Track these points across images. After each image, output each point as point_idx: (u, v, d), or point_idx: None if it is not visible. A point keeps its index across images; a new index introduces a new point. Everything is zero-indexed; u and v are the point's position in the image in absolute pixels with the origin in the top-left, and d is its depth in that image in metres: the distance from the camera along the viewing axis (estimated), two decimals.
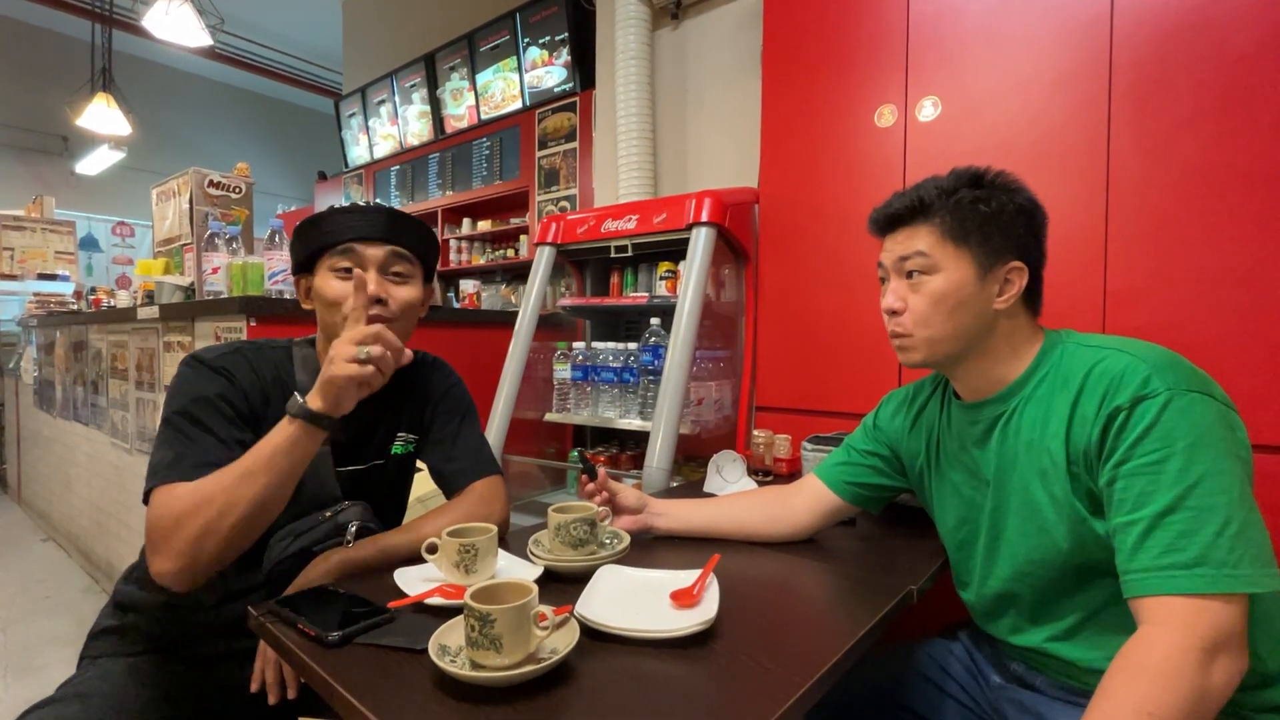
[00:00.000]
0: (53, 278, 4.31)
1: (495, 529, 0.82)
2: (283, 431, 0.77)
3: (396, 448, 1.03)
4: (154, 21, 3.10)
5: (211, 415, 0.83)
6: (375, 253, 0.90)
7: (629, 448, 1.99)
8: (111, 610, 0.93)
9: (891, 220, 0.83)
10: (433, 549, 0.80)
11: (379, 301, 0.89)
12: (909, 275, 0.80)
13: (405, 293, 0.93)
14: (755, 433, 1.49)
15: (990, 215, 0.77)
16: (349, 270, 0.89)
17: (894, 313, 0.82)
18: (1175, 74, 1.19)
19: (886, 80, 1.53)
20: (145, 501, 0.79)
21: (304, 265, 0.94)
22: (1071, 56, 1.30)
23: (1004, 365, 0.80)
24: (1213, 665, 0.58)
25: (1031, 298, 0.82)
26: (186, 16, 3.12)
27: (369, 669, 0.62)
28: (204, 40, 3.32)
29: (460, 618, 0.65)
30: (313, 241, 0.91)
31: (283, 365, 0.94)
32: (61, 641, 2.17)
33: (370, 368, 0.77)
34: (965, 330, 0.78)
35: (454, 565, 0.78)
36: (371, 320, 0.88)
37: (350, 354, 0.77)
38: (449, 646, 0.62)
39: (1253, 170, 1.13)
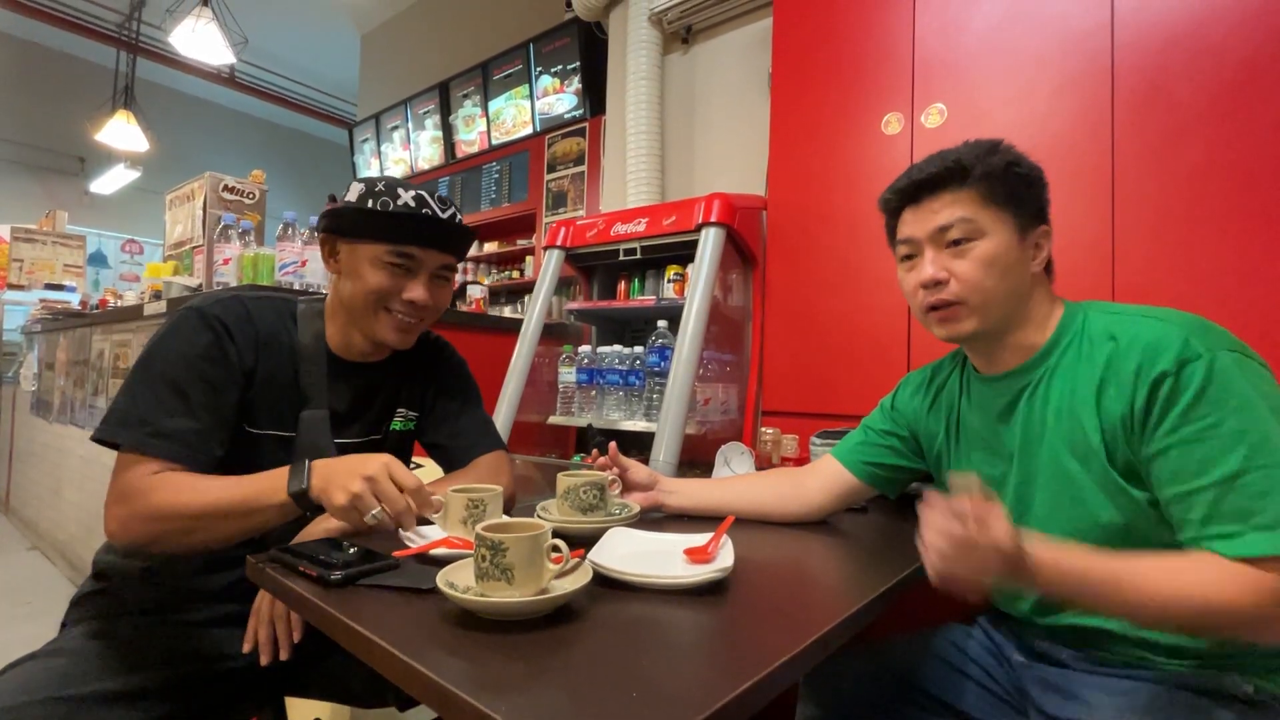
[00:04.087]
0: (59, 288, 4.33)
1: (502, 488, 0.80)
2: (273, 492, 0.74)
3: (395, 424, 1.01)
4: (180, 39, 3.20)
5: (191, 379, 0.80)
6: (432, 260, 0.90)
7: (633, 452, 1.96)
8: (92, 580, 0.90)
9: (922, 186, 0.78)
10: (438, 508, 0.78)
11: (422, 306, 0.91)
12: (950, 244, 0.76)
13: (445, 294, 0.95)
14: (763, 430, 1.48)
15: (1024, 177, 0.76)
16: (397, 266, 0.88)
17: (937, 283, 0.77)
18: (1177, 79, 1.23)
19: (893, 89, 1.58)
20: (97, 440, 0.78)
21: (348, 234, 0.89)
22: (1074, 65, 1.34)
23: (1028, 333, 0.79)
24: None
25: (1049, 265, 0.82)
26: (212, 35, 3.23)
27: (373, 606, 0.59)
28: (227, 58, 3.42)
29: (467, 560, 0.63)
30: (372, 225, 0.87)
31: (283, 319, 0.91)
32: (39, 644, 2.09)
33: (359, 519, 0.73)
34: (1014, 293, 0.76)
35: (461, 522, 0.76)
36: (409, 320, 0.90)
37: (361, 507, 0.72)
38: (456, 583, 0.60)
39: (1256, 170, 1.15)
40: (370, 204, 0.86)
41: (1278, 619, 0.57)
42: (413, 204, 0.87)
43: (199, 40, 3.23)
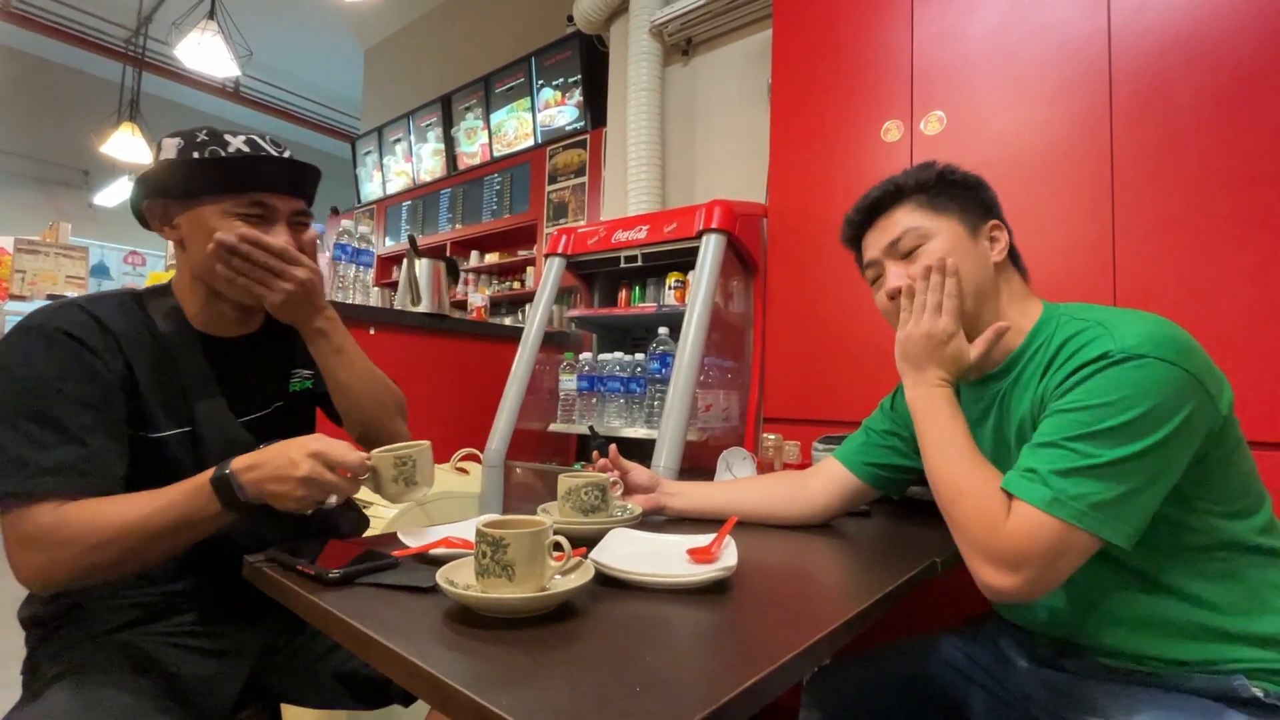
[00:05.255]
0: (61, 299, 4.34)
1: (429, 443, 0.78)
2: (202, 507, 0.68)
3: (294, 385, 0.97)
4: (185, 52, 3.24)
5: (57, 404, 0.70)
6: (287, 206, 0.83)
7: (635, 459, 1.95)
8: (41, 629, 0.81)
9: (870, 210, 0.85)
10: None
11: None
12: (905, 256, 0.81)
13: (309, 236, 0.88)
14: (765, 436, 1.47)
15: (959, 182, 0.82)
16: (251, 218, 0.80)
17: (901, 291, 0.80)
18: (1174, 84, 1.24)
19: (892, 97, 1.59)
20: None
21: (181, 195, 0.80)
22: (1072, 70, 1.35)
23: (1009, 332, 0.79)
24: (994, 566, 0.64)
25: (1015, 262, 0.84)
26: (217, 48, 3.26)
27: (371, 604, 0.59)
28: (232, 71, 3.46)
29: (467, 559, 0.62)
30: (211, 178, 0.79)
31: (133, 313, 0.82)
32: None
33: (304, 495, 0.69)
34: (975, 286, 0.78)
35: (393, 480, 0.74)
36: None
37: (310, 506, 0.69)
38: (456, 581, 0.59)
39: (1254, 172, 1.16)
40: (197, 156, 0.79)
41: (982, 543, 0.65)
42: (247, 149, 0.81)
43: (204, 53, 3.27)
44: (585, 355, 1.89)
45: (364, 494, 1.85)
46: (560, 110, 3.86)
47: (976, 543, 0.66)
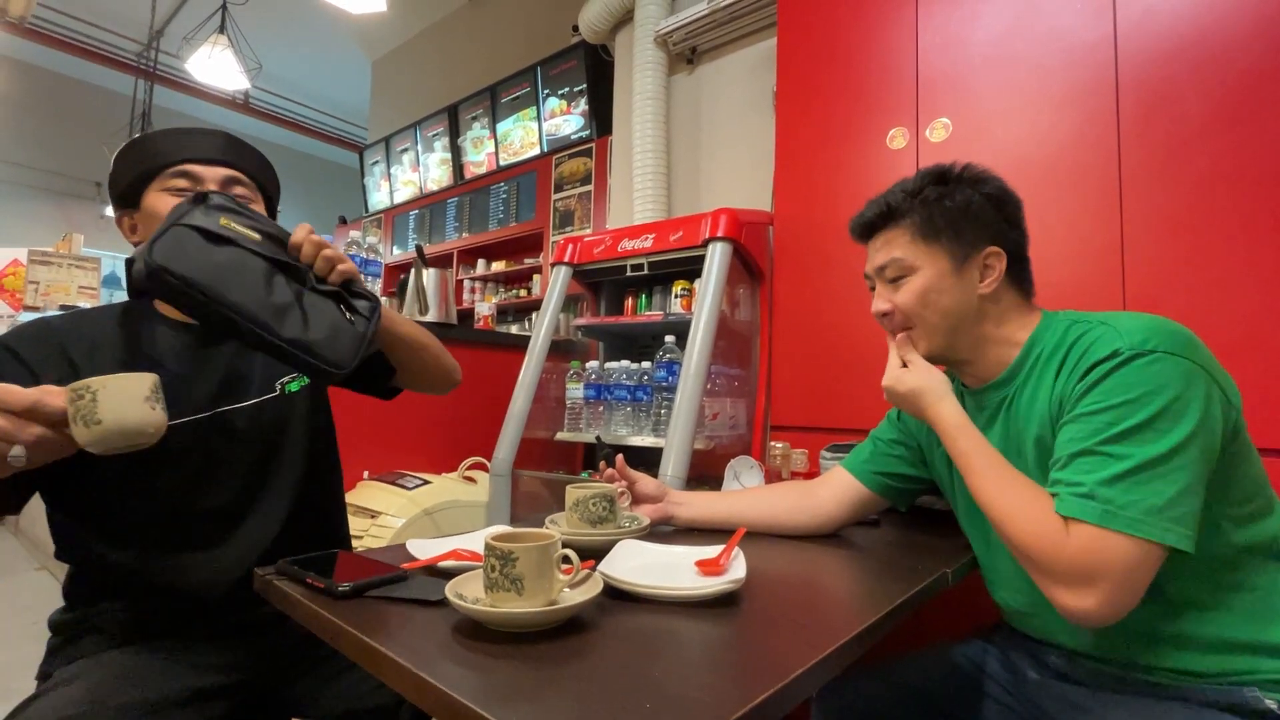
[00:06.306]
0: (72, 309, 4.39)
1: (153, 376, 0.64)
2: None
3: (297, 383, 0.93)
4: (196, 65, 3.28)
5: None
6: (214, 174, 0.84)
7: (641, 468, 1.94)
8: (63, 630, 0.84)
9: (867, 228, 0.86)
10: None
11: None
12: (891, 279, 0.83)
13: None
14: (772, 444, 1.46)
15: (956, 209, 0.79)
16: (180, 190, 0.82)
17: (884, 314, 0.85)
18: (1181, 90, 1.23)
19: (898, 104, 1.59)
20: None
21: (130, 197, 0.84)
22: (1078, 77, 1.35)
23: (1000, 347, 0.81)
24: (1066, 587, 0.62)
25: (1019, 280, 0.82)
26: (227, 61, 3.30)
27: (381, 618, 0.59)
28: (241, 84, 3.50)
29: (476, 571, 0.62)
30: (141, 163, 0.83)
31: (103, 322, 0.83)
32: None
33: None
34: (956, 317, 0.80)
35: (73, 420, 0.60)
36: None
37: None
38: (465, 595, 0.59)
39: (1262, 177, 1.15)
40: (127, 147, 0.84)
41: (1049, 565, 0.64)
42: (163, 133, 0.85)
43: (214, 67, 3.32)
44: (592, 364, 1.89)
45: (371, 501, 1.83)
46: (566, 119, 3.89)
47: (1042, 566, 0.64)
